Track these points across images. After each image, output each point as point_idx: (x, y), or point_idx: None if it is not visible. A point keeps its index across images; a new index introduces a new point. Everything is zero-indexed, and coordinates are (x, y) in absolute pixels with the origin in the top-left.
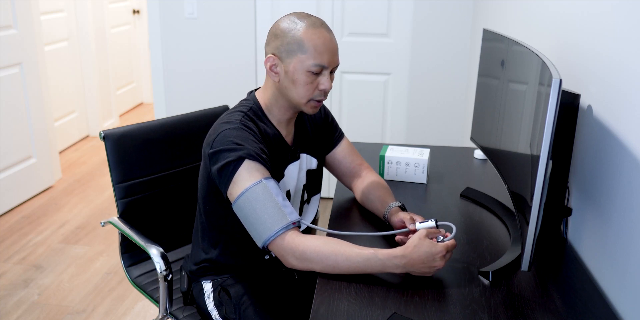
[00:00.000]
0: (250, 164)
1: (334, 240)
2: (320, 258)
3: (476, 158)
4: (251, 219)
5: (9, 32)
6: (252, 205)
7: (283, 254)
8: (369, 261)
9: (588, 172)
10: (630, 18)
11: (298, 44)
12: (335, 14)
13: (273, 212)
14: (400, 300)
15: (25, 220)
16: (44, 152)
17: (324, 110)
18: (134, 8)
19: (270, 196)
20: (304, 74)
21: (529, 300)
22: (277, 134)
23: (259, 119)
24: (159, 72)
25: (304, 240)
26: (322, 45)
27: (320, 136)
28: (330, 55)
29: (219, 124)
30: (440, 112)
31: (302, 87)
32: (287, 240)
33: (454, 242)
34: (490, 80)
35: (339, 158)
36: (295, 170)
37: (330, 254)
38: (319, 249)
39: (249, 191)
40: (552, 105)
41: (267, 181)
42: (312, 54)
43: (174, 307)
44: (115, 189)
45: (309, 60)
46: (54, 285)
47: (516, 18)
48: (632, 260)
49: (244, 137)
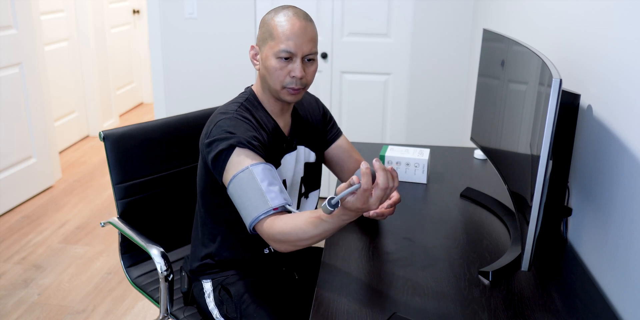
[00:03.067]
0: (241, 151)
1: (292, 215)
2: (286, 237)
3: (476, 158)
4: (238, 205)
5: (9, 32)
6: (238, 192)
7: (266, 239)
8: (321, 226)
9: (588, 172)
10: (630, 18)
11: (269, 32)
12: (335, 14)
13: (255, 198)
14: (400, 300)
15: (25, 220)
16: (44, 152)
17: (322, 107)
18: (134, 8)
19: (254, 182)
20: (274, 59)
21: (529, 300)
22: (274, 124)
23: (255, 109)
24: (159, 72)
25: (273, 224)
26: (290, 31)
27: (318, 131)
28: (298, 41)
29: (215, 115)
30: (440, 112)
31: (273, 73)
32: (265, 226)
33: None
34: (490, 80)
35: (337, 155)
36: (292, 160)
37: (291, 231)
38: (282, 229)
39: (236, 178)
40: (552, 105)
41: (254, 167)
42: (280, 39)
43: (175, 307)
44: (115, 189)
45: (277, 46)
46: (54, 285)
47: (516, 18)
48: (632, 260)
49: (237, 125)
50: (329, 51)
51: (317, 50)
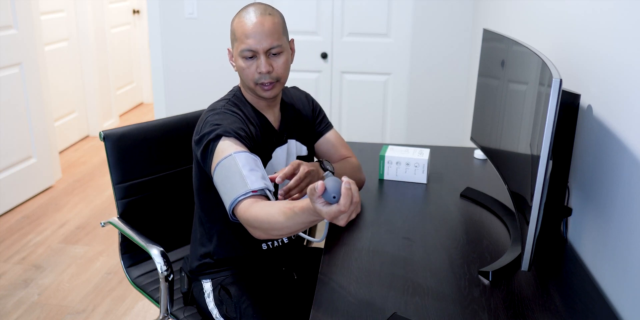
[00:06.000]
0: (226, 141)
1: (269, 202)
2: (260, 224)
3: (476, 158)
4: (221, 192)
5: (9, 32)
6: (221, 178)
7: (243, 223)
8: (292, 218)
9: (588, 172)
10: (630, 18)
11: (233, 33)
12: (335, 14)
13: (235, 181)
14: (400, 300)
15: (25, 220)
16: (44, 152)
17: (312, 101)
18: (134, 8)
19: (236, 168)
20: (240, 59)
21: (529, 300)
22: (263, 118)
23: (242, 105)
24: (159, 72)
25: (250, 208)
26: (248, 29)
27: (308, 124)
28: (257, 37)
29: (205, 113)
30: (440, 112)
31: (243, 73)
32: (242, 209)
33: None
34: (491, 80)
35: (325, 148)
36: (283, 154)
37: (264, 218)
38: (257, 215)
39: (219, 165)
40: (552, 105)
41: (238, 154)
42: (241, 39)
43: (175, 307)
44: (115, 189)
45: (239, 47)
46: (54, 285)
47: (516, 18)
48: (632, 260)
49: (224, 118)
50: (329, 51)
51: (283, 42)
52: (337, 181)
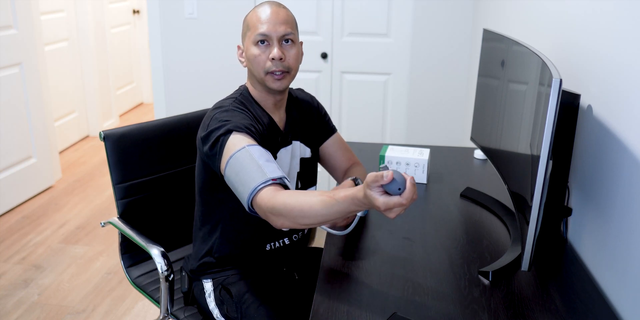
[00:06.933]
0: (237, 135)
1: (300, 191)
2: (289, 211)
3: (476, 158)
4: (236, 184)
5: (9, 32)
6: (236, 170)
7: (263, 211)
8: (332, 207)
9: (588, 172)
10: (630, 18)
11: (247, 25)
12: (335, 14)
13: (253, 171)
14: (400, 300)
15: (25, 220)
16: (44, 152)
17: (318, 104)
18: (134, 8)
19: (252, 159)
20: (253, 47)
21: (529, 300)
22: (269, 118)
23: (249, 104)
24: (159, 72)
25: (276, 194)
26: (263, 17)
27: (313, 126)
28: (271, 23)
29: (211, 110)
30: (440, 112)
31: (254, 61)
32: (262, 196)
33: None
34: (491, 80)
35: (330, 152)
36: (287, 155)
37: (297, 205)
38: (287, 201)
39: (232, 158)
40: (552, 105)
41: (251, 147)
42: (254, 27)
43: (175, 307)
44: (115, 189)
45: (253, 34)
46: (54, 285)
47: (516, 18)
48: (632, 260)
49: (233, 115)
50: (329, 51)
51: (296, 35)
52: (402, 175)
